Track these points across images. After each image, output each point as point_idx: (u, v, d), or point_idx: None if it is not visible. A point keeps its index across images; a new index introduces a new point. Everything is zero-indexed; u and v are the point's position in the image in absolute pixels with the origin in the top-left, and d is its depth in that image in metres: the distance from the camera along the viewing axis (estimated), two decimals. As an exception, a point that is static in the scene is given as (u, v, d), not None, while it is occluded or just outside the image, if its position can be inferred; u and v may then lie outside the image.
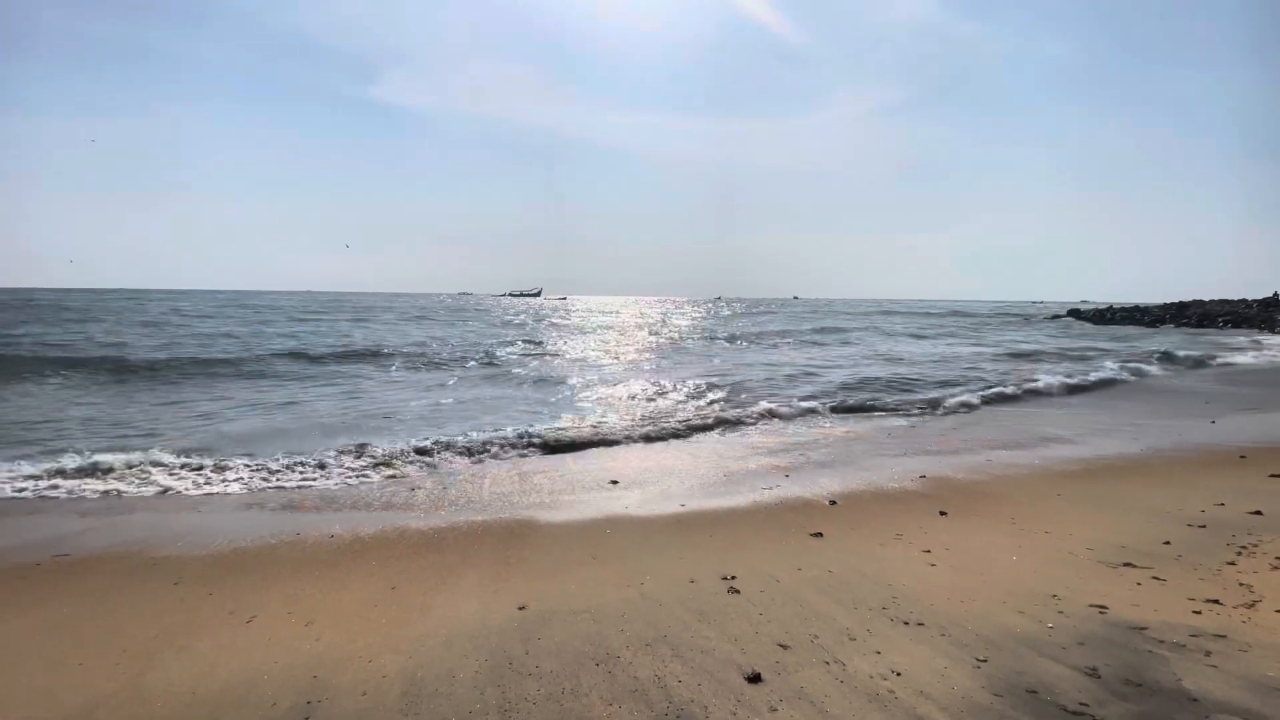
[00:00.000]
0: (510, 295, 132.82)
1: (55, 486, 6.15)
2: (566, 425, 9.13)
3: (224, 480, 6.49)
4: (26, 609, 3.77)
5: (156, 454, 7.04)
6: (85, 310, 38.55)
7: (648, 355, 21.69)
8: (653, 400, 11.88)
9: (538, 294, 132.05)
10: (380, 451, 7.46)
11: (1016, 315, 59.47)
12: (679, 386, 13.04)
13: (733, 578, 4.10)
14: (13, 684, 3.00)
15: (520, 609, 3.70)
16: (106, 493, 6.11)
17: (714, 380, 13.84)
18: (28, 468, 6.54)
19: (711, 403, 11.32)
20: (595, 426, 9.06)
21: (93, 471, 6.51)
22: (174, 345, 20.48)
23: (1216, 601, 3.70)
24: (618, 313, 61.37)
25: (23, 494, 5.97)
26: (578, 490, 6.42)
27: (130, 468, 6.64)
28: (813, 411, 10.85)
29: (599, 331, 32.84)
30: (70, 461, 6.68)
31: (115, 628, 3.54)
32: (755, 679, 2.93)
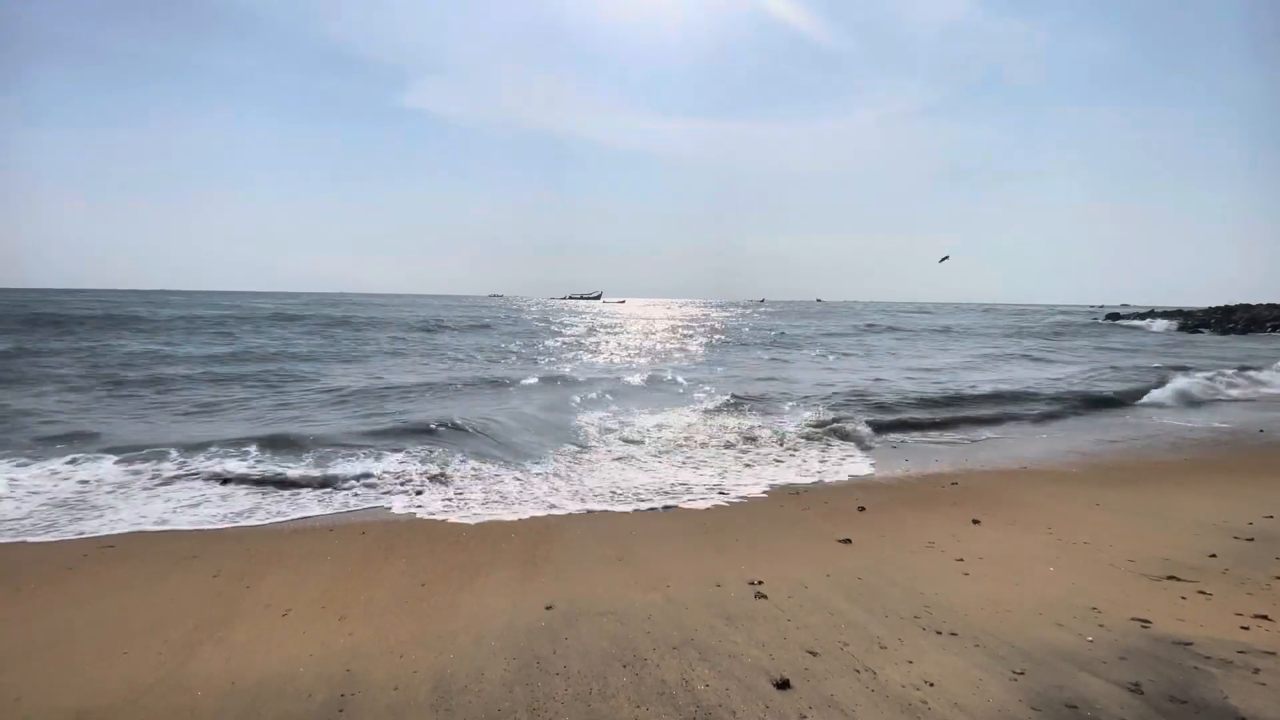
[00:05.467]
0: (572, 298, 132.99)
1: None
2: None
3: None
4: (76, 600, 3.91)
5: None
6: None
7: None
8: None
9: (598, 297, 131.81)
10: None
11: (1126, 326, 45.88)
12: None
13: (760, 583, 4.07)
14: (65, 672, 3.11)
15: (548, 609, 3.72)
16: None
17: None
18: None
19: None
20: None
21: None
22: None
23: (1265, 617, 3.55)
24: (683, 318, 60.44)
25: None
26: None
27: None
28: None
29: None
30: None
31: (158, 619, 3.65)
32: (784, 685, 2.91)
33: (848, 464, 7.69)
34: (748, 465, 7.55)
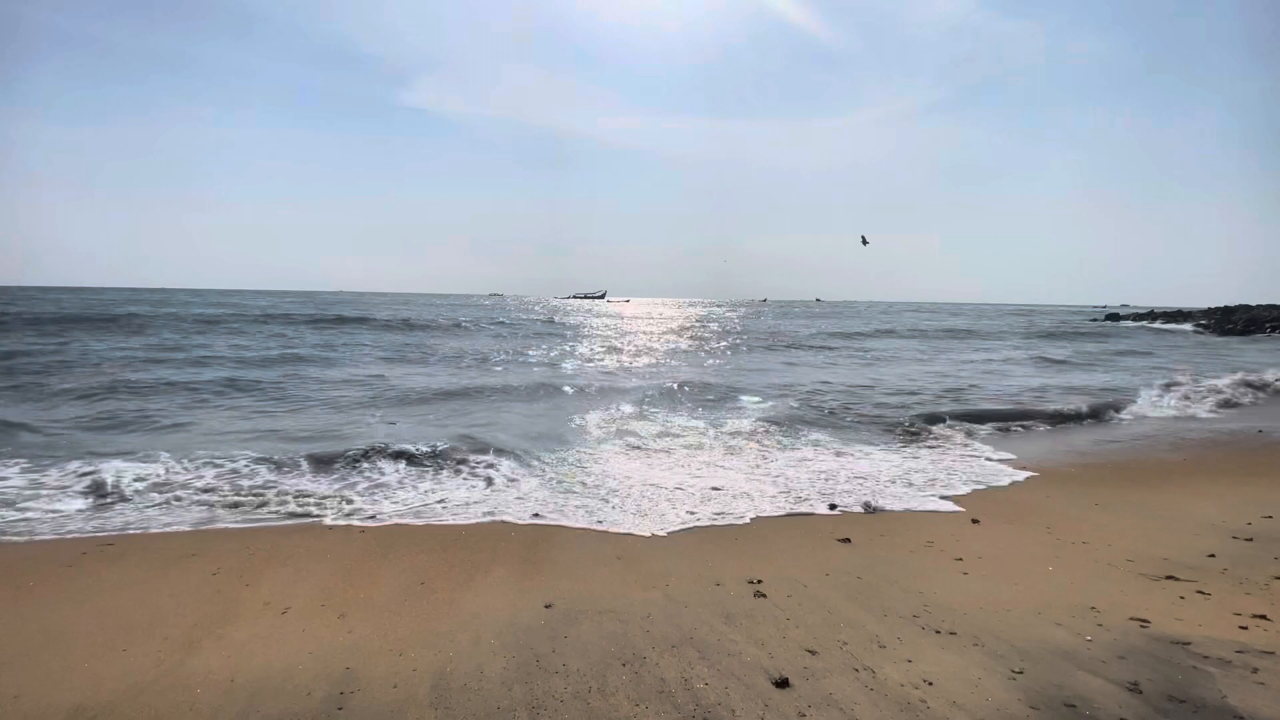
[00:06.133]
0: (576, 297, 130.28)
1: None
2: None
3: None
4: (76, 597, 3.91)
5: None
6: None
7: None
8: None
9: (602, 296, 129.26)
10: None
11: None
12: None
13: (759, 582, 4.08)
14: (64, 669, 3.11)
15: (547, 607, 3.73)
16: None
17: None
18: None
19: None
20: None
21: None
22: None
23: (1264, 617, 3.56)
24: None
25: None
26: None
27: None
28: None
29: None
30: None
31: (158, 616, 3.65)
32: (783, 684, 2.91)
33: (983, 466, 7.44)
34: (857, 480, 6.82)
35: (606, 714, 2.72)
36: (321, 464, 7.07)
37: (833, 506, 5.87)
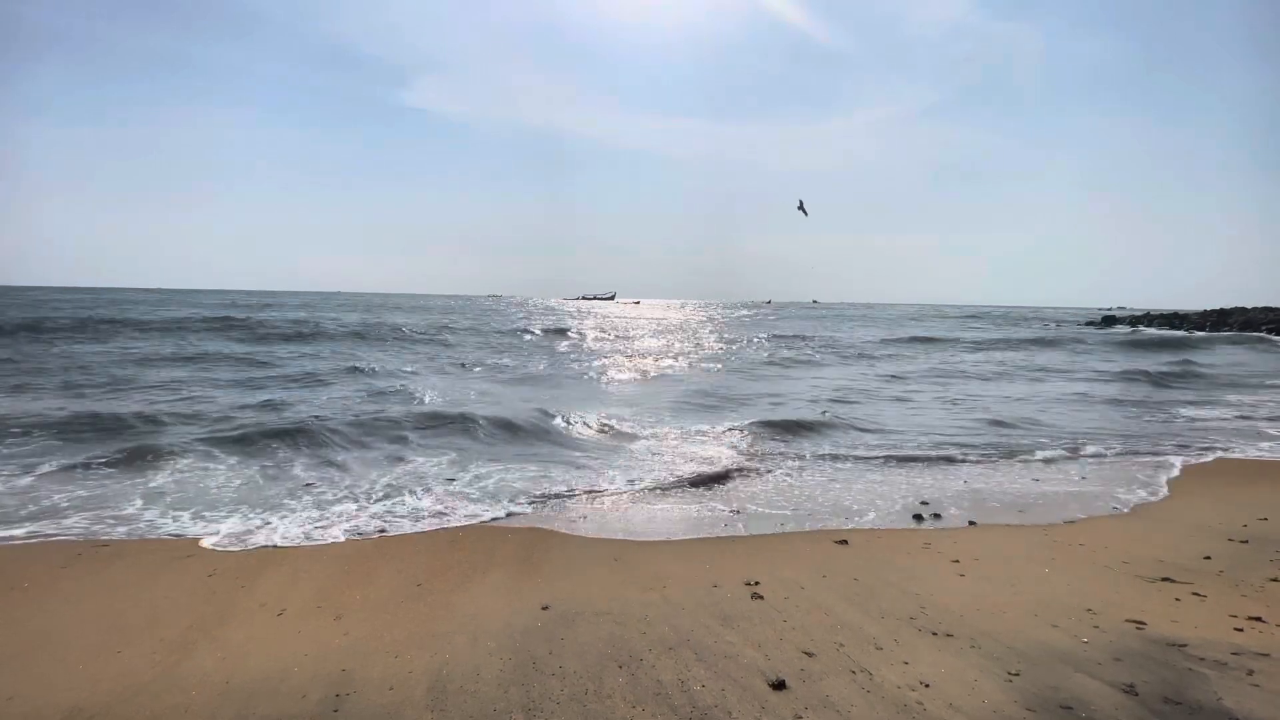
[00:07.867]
0: (585, 299, 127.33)
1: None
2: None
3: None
4: (71, 598, 3.90)
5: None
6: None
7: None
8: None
9: (611, 297, 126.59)
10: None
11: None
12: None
13: (756, 584, 4.07)
14: (60, 671, 3.10)
15: (544, 609, 3.72)
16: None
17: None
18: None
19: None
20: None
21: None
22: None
23: (1259, 619, 3.57)
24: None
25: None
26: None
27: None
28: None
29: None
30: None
31: (153, 617, 3.64)
32: (780, 686, 2.91)
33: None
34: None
35: (603, 716, 2.72)
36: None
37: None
